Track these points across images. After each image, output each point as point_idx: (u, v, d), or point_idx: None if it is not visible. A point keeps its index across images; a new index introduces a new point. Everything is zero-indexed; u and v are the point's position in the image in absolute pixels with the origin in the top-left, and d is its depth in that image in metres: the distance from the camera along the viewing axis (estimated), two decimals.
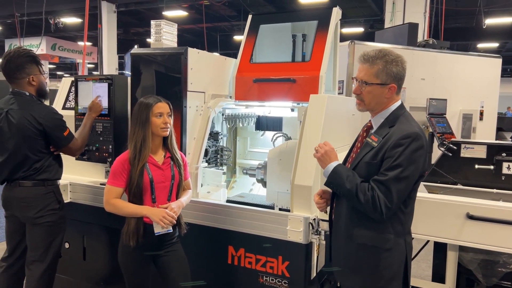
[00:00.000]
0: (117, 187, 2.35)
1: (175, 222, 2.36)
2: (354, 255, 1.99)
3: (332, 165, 1.98)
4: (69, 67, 24.86)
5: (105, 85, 3.15)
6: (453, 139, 3.24)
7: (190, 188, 2.62)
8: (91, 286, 3.29)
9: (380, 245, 1.93)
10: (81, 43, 17.52)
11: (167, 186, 2.42)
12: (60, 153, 2.88)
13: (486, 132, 6.63)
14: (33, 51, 2.81)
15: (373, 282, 1.96)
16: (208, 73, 3.11)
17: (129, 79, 3.12)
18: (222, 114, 3.46)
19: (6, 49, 15.85)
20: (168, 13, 13.04)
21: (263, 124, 3.58)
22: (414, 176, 1.87)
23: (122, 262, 2.43)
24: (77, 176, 3.42)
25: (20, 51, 2.71)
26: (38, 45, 12.79)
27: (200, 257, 2.77)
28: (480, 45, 16.34)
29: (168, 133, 2.41)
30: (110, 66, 12.75)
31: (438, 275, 2.88)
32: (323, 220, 2.48)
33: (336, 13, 3.12)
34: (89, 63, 19.75)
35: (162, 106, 2.38)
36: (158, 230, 2.33)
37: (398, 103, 2.01)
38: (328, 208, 2.20)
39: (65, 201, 2.98)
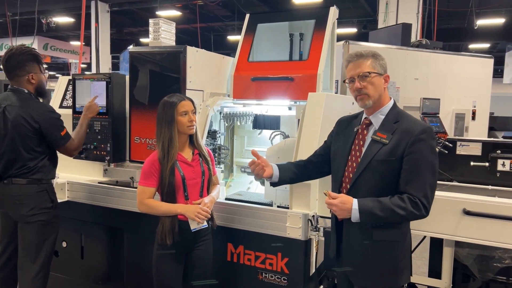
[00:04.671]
0: (149, 187, 2.37)
1: (210, 216, 2.40)
2: (374, 253, 1.99)
3: (356, 209, 1.91)
4: (61, 67, 24.64)
5: (103, 84, 3.15)
6: (448, 137, 3.29)
7: (218, 183, 2.66)
8: (89, 284, 3.29)
9: (399, 239, 1.99)
10: (73, 43, 17.39)
11: (199, 183, 2.44)
12: (57, 154, 2.85)
13: (478, 132, 6.70)
14: (35, 50, 2.80)
15: (390, 275, 2.00)
16: (207, 72, 3.12)
17: (127, 77, 3.12)
18: (220, 113, 3.47)
19: None
20: (161, 13, 12.99)
21: (260, 122, 3.59)
22: (438, 166, 1.96)
23: (156, 262, 2.42)
24: (75, 174, 3.41)
25: (22, 49, 2.71)
26: (30, 45, 12.57)
27: None
28: (472, 46, 16.47)
29: (194, 130, 2.44)
30: (103, 65, 12.67)
31: (435, 271, 2.92)
32: (322, 217, 2.51)
33: (333, 13, 3.16)
34: (81, 63, 19.59)
35: (187, 104, 2.40)
36: (194, 226, 2.35)
37: (392, 101, 2.09)
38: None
39: (63, 200, 2.97)
